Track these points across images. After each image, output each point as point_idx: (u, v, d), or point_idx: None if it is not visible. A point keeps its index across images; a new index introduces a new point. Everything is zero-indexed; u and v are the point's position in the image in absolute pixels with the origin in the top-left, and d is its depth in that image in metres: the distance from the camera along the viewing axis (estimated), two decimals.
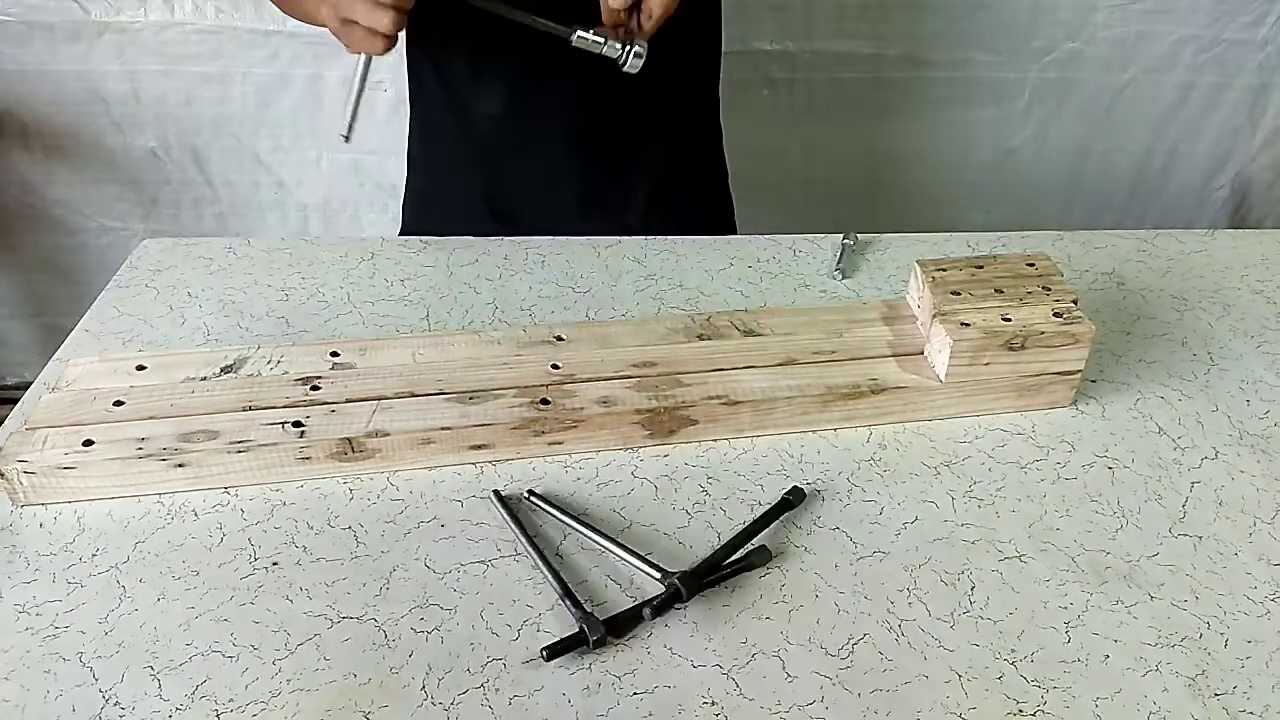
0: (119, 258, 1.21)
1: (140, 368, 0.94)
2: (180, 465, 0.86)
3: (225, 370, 0.94)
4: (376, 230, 2.15)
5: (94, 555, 0.82)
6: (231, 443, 0.86)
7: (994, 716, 0.70)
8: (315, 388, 0.92)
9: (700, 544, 0.83)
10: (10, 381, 2.35)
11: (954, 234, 1.24)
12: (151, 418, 0.89)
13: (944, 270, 0.99)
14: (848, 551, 0.83)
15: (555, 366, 0.94)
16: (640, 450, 0.93)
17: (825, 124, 2.12)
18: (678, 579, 0.77)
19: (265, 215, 2.15)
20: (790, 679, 0.73)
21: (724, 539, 0.83)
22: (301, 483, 0.88)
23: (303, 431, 0.87)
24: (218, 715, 0.70)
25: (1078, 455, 0.93)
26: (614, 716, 0.70)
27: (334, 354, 0.96)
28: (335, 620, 0.77)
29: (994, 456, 0.93)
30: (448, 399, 0.91)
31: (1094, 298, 1.13)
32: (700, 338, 0.99)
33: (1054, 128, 2.15)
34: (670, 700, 0.71)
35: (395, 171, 2.06)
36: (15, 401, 0.97)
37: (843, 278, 1.17)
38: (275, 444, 0.86)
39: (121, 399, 0.91)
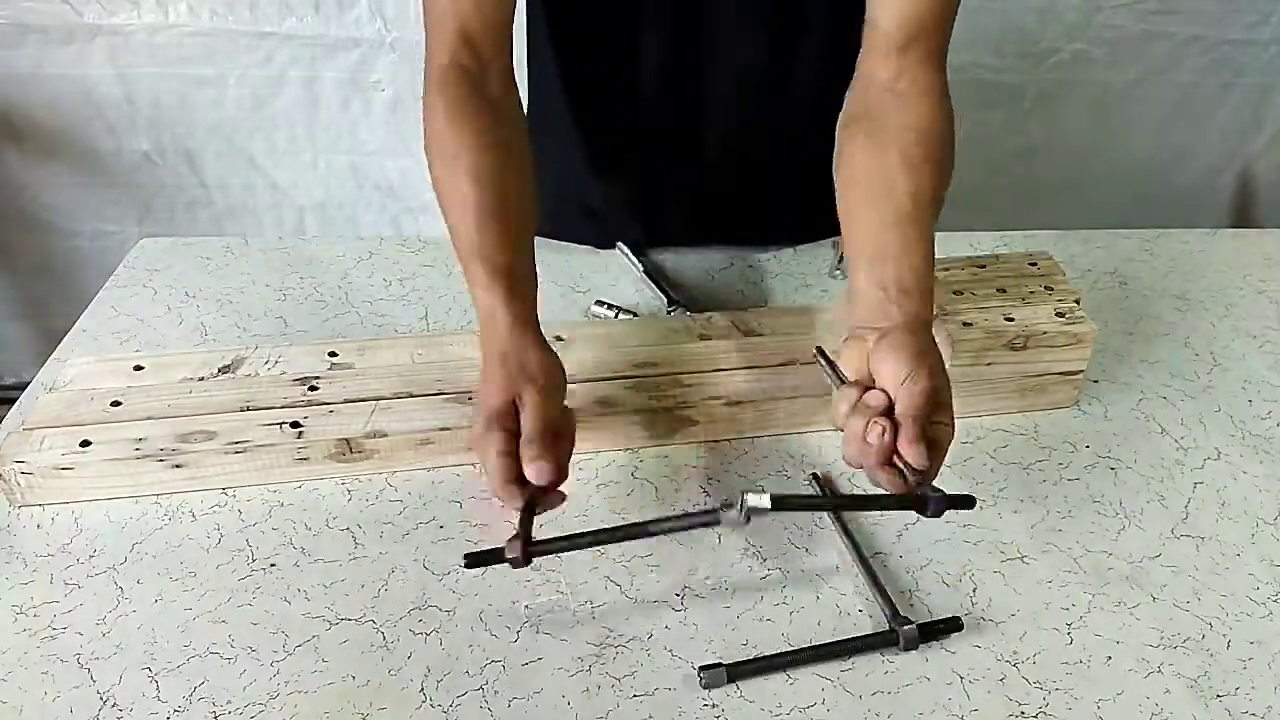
0: (114, 261, 1.20)
1: (138, 368, 0.94)
2: (178, 466, 0.85)
3: (223, 371, 0.93)
4: (374, 232, 2.14)
5: (91, 556, 0.81)
6: (229, 444, 0.86)
7: (996, 718, 0.70)
8: (313, 388, 0.92)
9: (702, 546, 0.83)
10: (8, 382, 2.35)
11: (954, 233, 1.23)
12: (149, 418, 0.88)
13: (946, 270, 0.99)
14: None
15: None
16: (640, 451, 0.92)
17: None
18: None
19: (261, 218, 2.14)
20: (791, 681, 0.72)
21: (724, 540, 0.83)
22: (299, 484, 0.88)
23: (300, 432, 0.87)
24: (215, 717, 0.69)
25: (1080, 456, 0.93)
26: (614, 718, 0.70)
27: (332, 354, 0.96)
28: (333, 622, 0.76)
29: (996, 457, 0.92)
30: (447, 399, 0.91)
31: (1096, 297, 1.13)
32: (701, 338, 0.99)
33: (1058, 129, 2.14)
34: (671, 702, 0.71)
35: (393, 172, 2.06)
36: (12, 402, 0.96)
37: (843, 277, 1.17)
38: (273, 445, 0.86)
39: (119, 399, 0.90)
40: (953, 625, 0.76)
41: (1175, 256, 1.22)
